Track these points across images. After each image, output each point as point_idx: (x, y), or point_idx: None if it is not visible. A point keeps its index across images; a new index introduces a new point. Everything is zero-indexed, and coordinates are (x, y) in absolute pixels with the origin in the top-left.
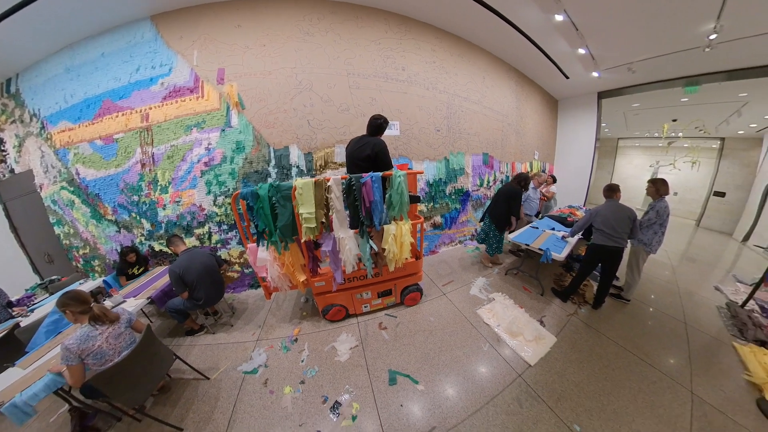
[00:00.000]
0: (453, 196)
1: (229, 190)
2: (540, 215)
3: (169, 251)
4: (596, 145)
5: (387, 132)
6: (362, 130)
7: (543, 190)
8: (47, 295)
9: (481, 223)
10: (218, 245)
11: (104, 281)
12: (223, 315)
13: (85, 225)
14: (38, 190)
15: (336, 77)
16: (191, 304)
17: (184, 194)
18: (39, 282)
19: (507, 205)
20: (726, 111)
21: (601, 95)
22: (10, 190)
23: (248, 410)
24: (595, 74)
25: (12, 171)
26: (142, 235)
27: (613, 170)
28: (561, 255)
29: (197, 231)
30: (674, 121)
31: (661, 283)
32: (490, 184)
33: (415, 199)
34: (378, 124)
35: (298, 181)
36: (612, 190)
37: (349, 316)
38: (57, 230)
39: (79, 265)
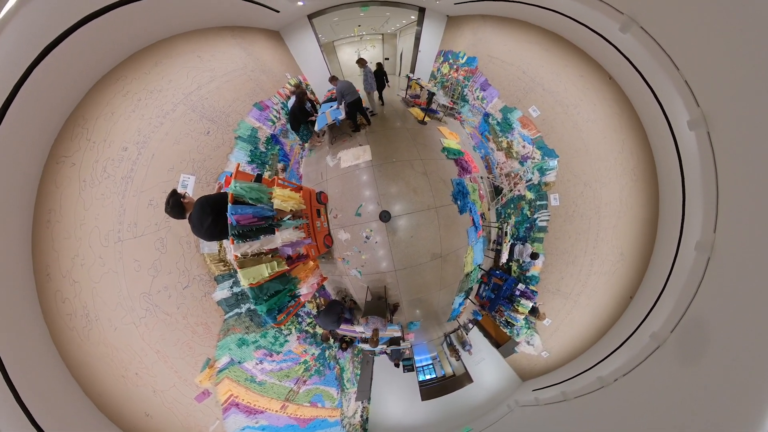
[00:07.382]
0: (269, 146)
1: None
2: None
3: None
4: (322, 50)
5: (189, 191)
6: (181, 225)
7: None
8: None
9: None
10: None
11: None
12: (347, 298)
13: None
14: None
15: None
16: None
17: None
18: None
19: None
20: (382, 20)
21: (311, 17)
22: None
23: (375, 261)
24: (300, 3)
25: None
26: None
27: (339, 62)
28: (342, 116)
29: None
30: (359, 26)
31: None
32: (279, 116)
33: (258, 179)
34: (175, 205)
35: (243, 283)
36: (335, 79)
37: (330, 235)
38: None
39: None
